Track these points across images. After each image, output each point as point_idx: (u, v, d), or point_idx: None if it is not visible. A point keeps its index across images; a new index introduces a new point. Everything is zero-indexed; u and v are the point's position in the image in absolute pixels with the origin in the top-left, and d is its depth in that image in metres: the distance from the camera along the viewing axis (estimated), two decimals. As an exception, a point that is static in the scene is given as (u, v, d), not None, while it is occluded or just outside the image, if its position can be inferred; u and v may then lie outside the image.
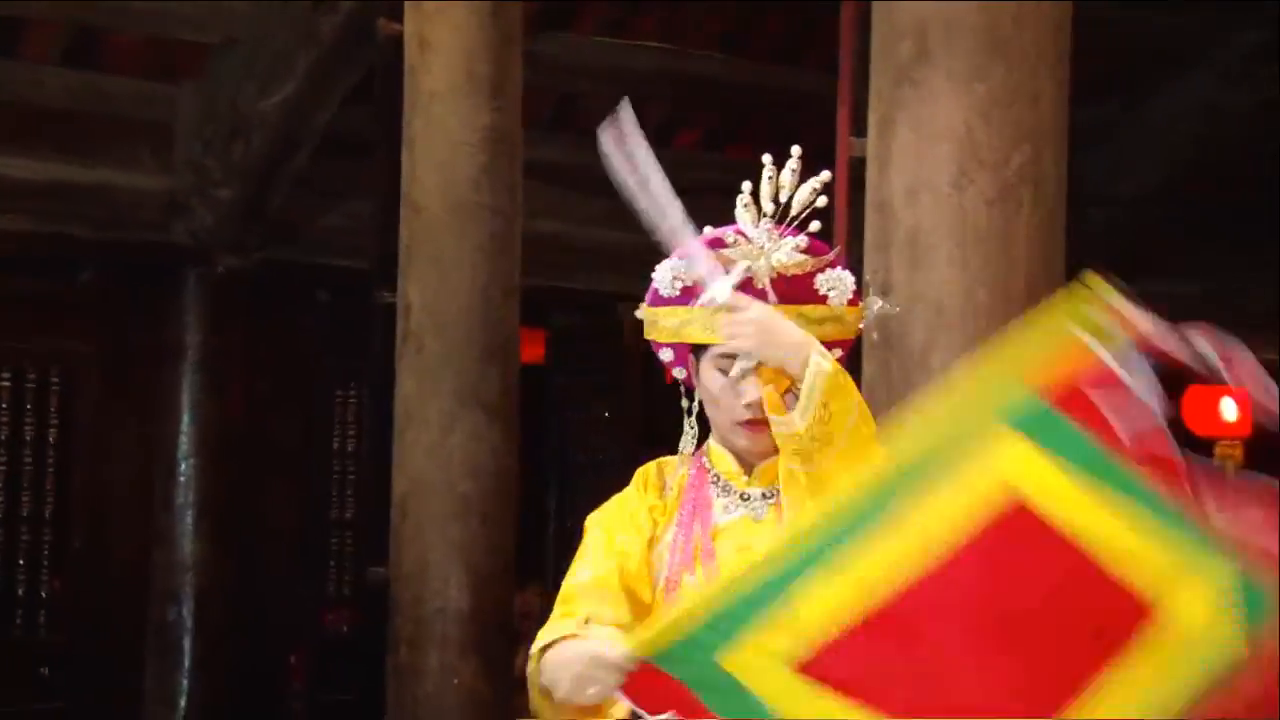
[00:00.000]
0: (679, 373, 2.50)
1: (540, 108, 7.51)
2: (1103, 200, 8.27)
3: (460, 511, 5.36)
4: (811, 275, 2.40)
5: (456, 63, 5.43)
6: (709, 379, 2.40)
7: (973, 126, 3.41)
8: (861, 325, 2.53)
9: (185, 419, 7.53)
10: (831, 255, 2.41)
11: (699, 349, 2.43)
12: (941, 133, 3.44)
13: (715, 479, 2.43)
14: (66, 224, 7.22)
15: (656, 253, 2.57)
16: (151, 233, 7.35)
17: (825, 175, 2.40)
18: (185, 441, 7.53)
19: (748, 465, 2.42)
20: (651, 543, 2.41)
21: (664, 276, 2.41)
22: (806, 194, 2.38)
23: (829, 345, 2.40)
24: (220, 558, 7.53)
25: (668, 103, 7.99)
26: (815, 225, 2.39)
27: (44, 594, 7.74)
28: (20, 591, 7.68)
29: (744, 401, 2.35)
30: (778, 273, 2.36)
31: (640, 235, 2.45)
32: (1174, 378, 1.89)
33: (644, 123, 2.35)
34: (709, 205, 2.64)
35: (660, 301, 2.44)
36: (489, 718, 5.37)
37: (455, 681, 5.32)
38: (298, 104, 7.05)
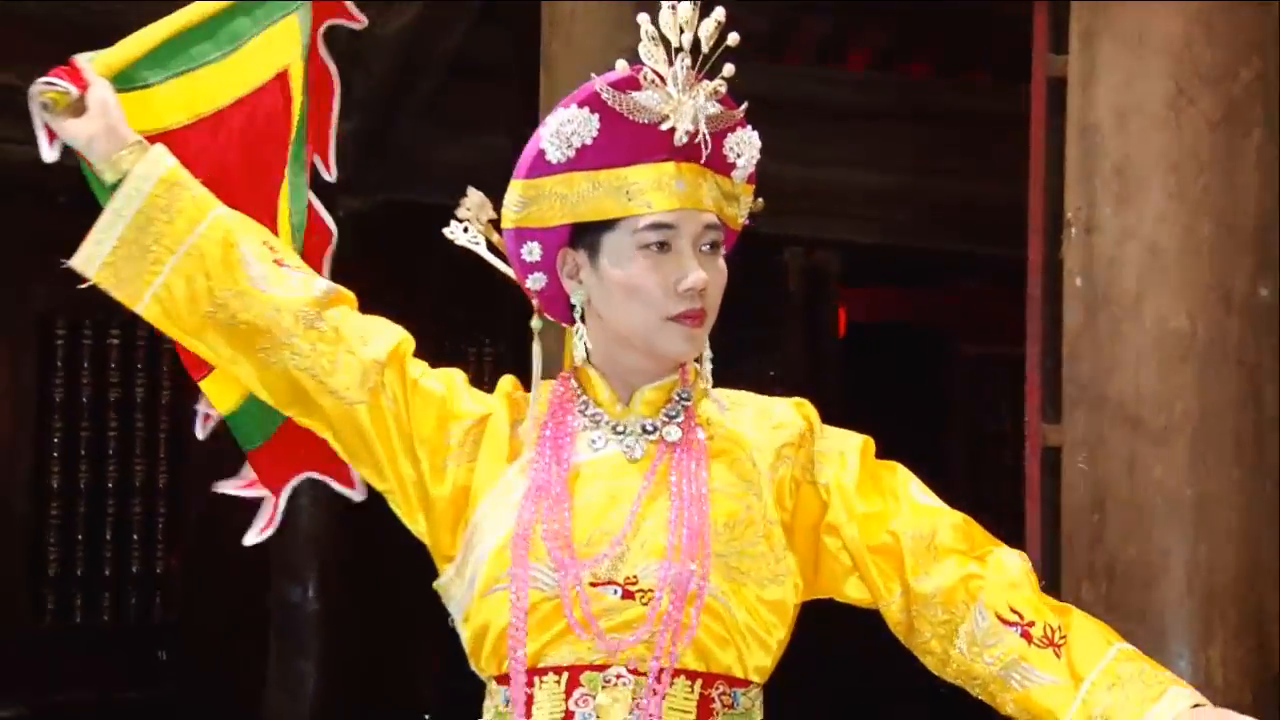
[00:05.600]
0: (536, 281, 2.17)
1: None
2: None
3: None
4: (722, 135, 2.11)
5: (597, -22, 5.40)
6: (628, 264, 2.08)
7: (1192, 38, 3.34)
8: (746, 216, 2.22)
9: (305, 379, 7.63)
10: (741, 111, 2.13)
11: (593, 233, 2.11)
12: (1155, 46, 3.37)
13: (584, 406, 2.15)
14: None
15: (826, 187, 2.49)
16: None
17: (720, 12, 2.07)
18: (306, 404, 7.63)
19: (627, 389, 2.14)
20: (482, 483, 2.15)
21: (553, 134, 2.08)
22: (711, 28, 2.05)
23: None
24: (345, 532, 7.64)
25: (833, 17, 7.88)
26: (729, 69, 2.09)
27: (159, 571, 7.92)
28: (134, 569, 7.86)
29: (685, 285, 2.06)
30: (696, 127, 2.06)
31: (810, 169, 2.38)
32: None
33: (806, 40, 2.29)
34: (882, 132, 2.59)
35: (546, 169, 2.09)
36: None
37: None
38: (422, 27, 7.08)
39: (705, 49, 2.06)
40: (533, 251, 2.15)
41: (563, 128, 2.07)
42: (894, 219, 7.70)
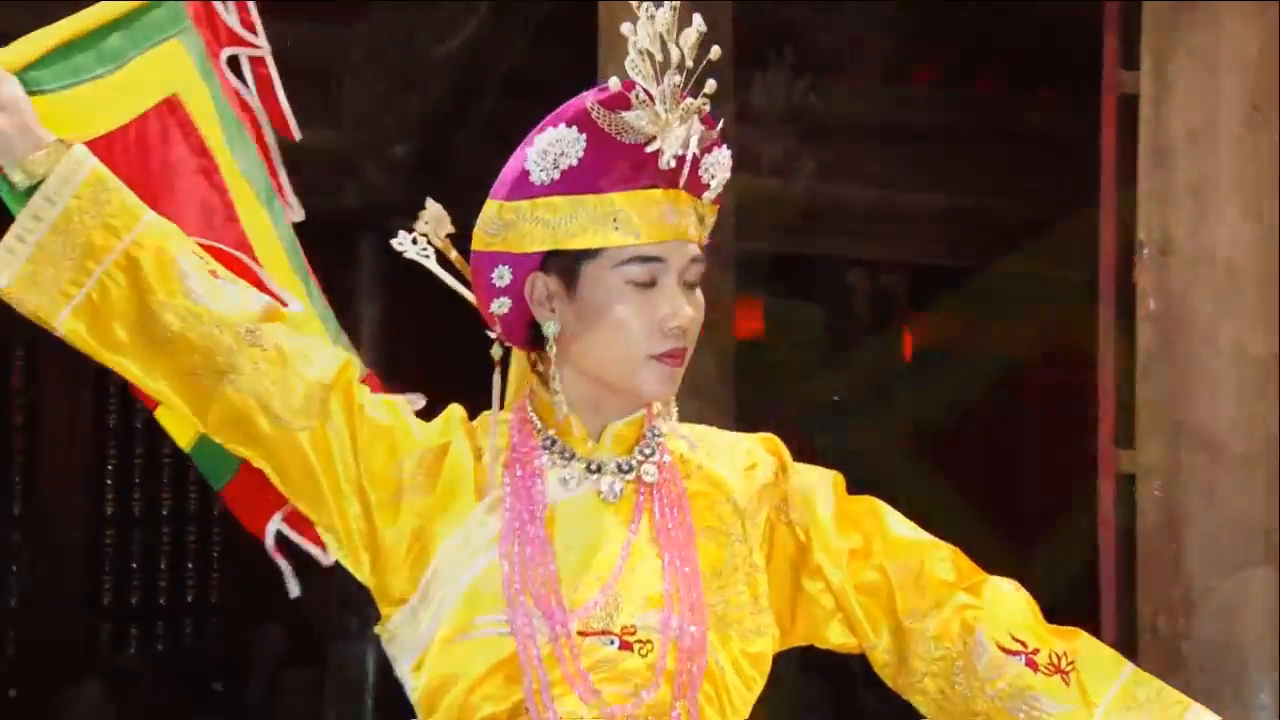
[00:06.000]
0: (501, 306, 2.03)
1: (753, 41, 7.45)
2: None
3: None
4: (699, 155, 1.98)
5: (655, -7, 5.41)
6: (611, 297, 1.96)
7: (1269, 53, 3.30)
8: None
9: (363, 401, 7.67)
10: (718, 131, 2.00)
11: (570, 259, 1.98)
12: (1230, 62, 3.35)
13: (549, 442, 2.01)
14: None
15: (899, 209, 2.46)
16: (318, 195, 7.46)
17: (699, 23, 1.95)
18: (363, 426, 7.67)
19: (596, 424, 2.02)
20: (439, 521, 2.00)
21: (540, 154, 1.95)
22: (693, 40, 1.92)
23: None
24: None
25: (899, 35, 7.86)
26: (711, 85, 1.96)
27: (214, 600, 7.96)
28: (189, 598, 7.90)
29: (673, 324, 1.95)
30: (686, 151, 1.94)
31: (879, 191, 2.32)
32: None
33: (870, 58, 2.25)
34: (949, 151, 2.56)
35: (529, 191, 1.96)
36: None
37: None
38: (478, 47, 7.10)
39: (690, 62, 1.95)
40: (503, 276, 2.01)
41: (550, 148, 1.95)
42: (962, 240, 7.67)
